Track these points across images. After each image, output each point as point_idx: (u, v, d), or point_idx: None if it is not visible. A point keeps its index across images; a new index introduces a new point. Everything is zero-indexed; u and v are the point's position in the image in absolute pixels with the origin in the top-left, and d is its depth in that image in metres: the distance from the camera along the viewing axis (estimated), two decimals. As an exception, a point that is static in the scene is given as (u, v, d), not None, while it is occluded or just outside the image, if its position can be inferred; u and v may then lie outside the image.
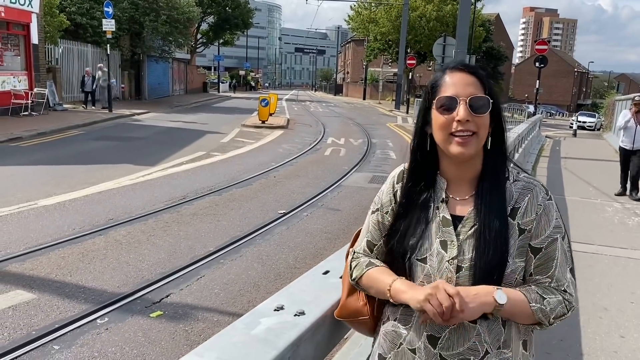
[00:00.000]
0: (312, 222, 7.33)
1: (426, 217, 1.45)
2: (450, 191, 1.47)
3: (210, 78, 60.23)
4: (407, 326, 1.47)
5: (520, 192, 1.42)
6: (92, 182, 8.76)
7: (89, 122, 17.27)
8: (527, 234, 1.39)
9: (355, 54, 76.46)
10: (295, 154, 13.41)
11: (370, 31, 44.30)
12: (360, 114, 32.79)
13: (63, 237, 5.92)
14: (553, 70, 76.62)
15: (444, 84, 1.41)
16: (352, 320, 1.67)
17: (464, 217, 1.42)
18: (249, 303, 4.62)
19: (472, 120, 1.36)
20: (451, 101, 1.37)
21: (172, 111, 25.34)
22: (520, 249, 1.38)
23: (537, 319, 1.35)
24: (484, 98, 1.38)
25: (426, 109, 1.46)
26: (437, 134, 1.42)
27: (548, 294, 1.37)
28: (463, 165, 1.44)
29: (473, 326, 1.37)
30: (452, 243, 1.40)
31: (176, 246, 5.93)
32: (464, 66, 1.42)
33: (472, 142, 1.37)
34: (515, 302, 1.32)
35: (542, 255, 1.39)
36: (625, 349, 3.95)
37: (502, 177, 1.44)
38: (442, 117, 1.39)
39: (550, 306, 1.35)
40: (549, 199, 1.43)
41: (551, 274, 1.39)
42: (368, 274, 1.52)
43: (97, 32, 24.23)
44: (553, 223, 1.41)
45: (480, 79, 1.40)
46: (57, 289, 4.63)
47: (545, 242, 1.39)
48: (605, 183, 11.13)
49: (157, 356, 3.72)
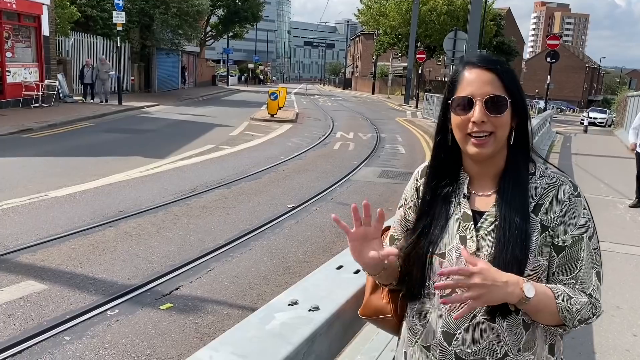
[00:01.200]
0: (321, 216, 7.32)
1: (447, 212, 1.43)
2: (473, 187, 1.44)
3: (219, 71, 60.24)
4: (423, 322, 1.45)
5: (545, 188, 1.36)
6: (102, 174, 8.79)
7: (99, 114, 17.34)
8: (551, 231, 1.33)
9: (365, 47, 76.22)
10: (304, 148, 13.39)
11: (380, 25, 44.11)
12: (369, 108, 32.71)
13: (73, 229, 5.95)
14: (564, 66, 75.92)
15: (461, 81, 1.37)
16: (375, 318, 1.64)
17: (485, 212, 1.39)
18: (258, 296, 4.63)
19: (489, 120, 1.32)
20: (467, 101, 1.33)
21: (182, 104, 25.39)
22: (543, 247, 1.32)
23: (562, 317, 1.27)
24: (501, 98, 1.32)
25: (447, 104, 1.41)
26: (455, 132, 1.39)
27: (575, 293, 1.30)
28: (484, 163, 1.40)
29: (491, 325, 1.32)
30: (472, 239, 1.36)
31: (186, 239, 5.94)
32: (483, 62, 1.36)
33: (489, 142, 1.33)
34: (541, 296, 1.25)
35: (566, 254, 1.32)
36: (638, 347, 3.91)
37: (524, 173, 1.39)
38: (459, 118, 1.35)
39: (577, 306, 1.28)
40: (576, 195, 1.36)
41: (575, 275, 1.32)
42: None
43: (107, 24, 24.31)
44: (579, 221, 1.33)
45: (499, 75, 1.34)
46: (68, 280, 4.66)
47: (570, 241, 1.32)
48: (617, 180, 11.02)
49: (167, 348, 3.73)
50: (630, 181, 10.01)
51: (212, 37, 54.28)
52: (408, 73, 40.27)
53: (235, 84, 58.41)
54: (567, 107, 67.70)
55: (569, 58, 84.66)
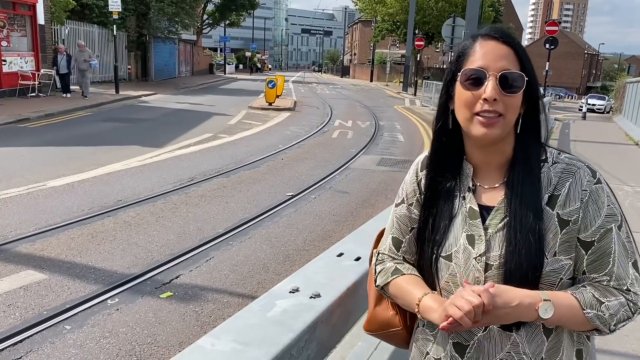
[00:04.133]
0: (320, 205, 7.31)
1: (451, 209, 1.28)
2: (478, 178, 1.28)
3: (216, 59, 59.94)
4: (434, 332, 1.30)
5: (560, 177, 1.20)
6: (100, 163, 8.77)
7: (96, 104, 17.25)
8: (573, 226, 1.17)
9: (363, 35, 75.83)
10: (302, 136, 13.36)
11: (378, 12, 43.82)
12: (368, 96, 32.60)
13: (72, 218, 5.94)
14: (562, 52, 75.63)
15: (472, 53, 1.20)
16: (382, 333, 1.48)
17: (493, 207, 1.24)
18: (258, 284, 4.63)
19: (501, 100, 1.15)
20: (479, 75, 1.17)
21: (179, 93, 25.26)
22: (565, 245, 1.17)
23: (594, 326, 1.15)
24: (517, 75, 1.17)
25: (450, 80, 1.25)
26: (459, 111, 1.22)
27: (607, 296, 1.15)
28: (489, 149, 1.24)
29: (507, 334, 1.19)
30: (480, 238, 1.22)
31: (185, 228, 5.93)
32: (499, 34, 1.20)
33: (497, 123, 1.17)
34: (564, 310, 1.12)
35: (595, 249, 1.17)
36: (636, 332, 3.92)
37: (536, 163, 1.23)
38: (467, 93, 1.18)
39: (609, 312, 1.14)
40: (596, 182, 1.20)
41: (609, 270, 1.17)
42: (395, 283, 1.33)
43: (103, 12, 24.09)
44: (604, 211, 1.18)
45: (516, 50, 1.19)
46: (68, 270, 4.66)
47: (597, 234, 1.17)
48: (616, 166, 11.04)
49: (168, 336, 3.74)
50: (629, 167, 10.02)
51: (209, 25, 53.88)
52: (406, 60, 40.11)
53: (232, 72, 58.12)
54: (566, 94, 67.58)
55: (568, 44, 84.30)
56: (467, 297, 1.08)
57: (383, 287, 1.37)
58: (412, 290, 1.28)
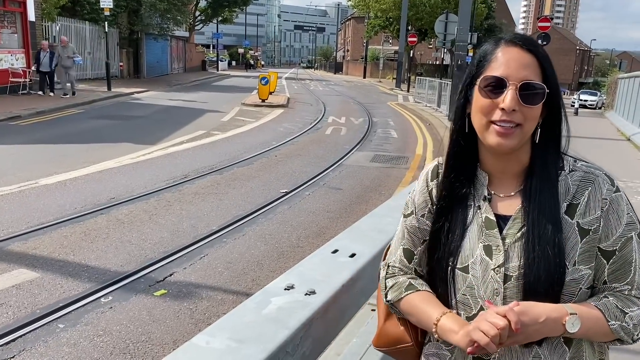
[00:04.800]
0: (314, 201, 7.31)
1: (465, 218, 1.24)
2: (493, 187, 1.24)
3: (209, 56, 59.71)
4: (450, 347, 1.26)
5: (578, 185, 1.18)
6: (92, 161, 8.72)
7: (88, 101, 17.14)
8: (593, 235, 1.16)
9: (356, 31, 75.76)
10: (296, 133, 13.34)
11: (371, 8, 43.80)
12: (361, 92, 32.60)
13: (65, 216, 5.90)
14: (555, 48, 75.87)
15: (494, 59, 1.17)
16: (392, 349, 1.43)
17: (510, 216, 1.20)
18: (252, 282, 4.63)
19: (520, 110, 1.13)
20: (499, 83, 1.14)
21: (171, 90, 25.16)
22: (585, 254, 1.15)
23: (619, 337, 1.14)
24: (538, 86, 1.14)
25: (469, 84, 1.22)
26: (475, 117, 1.19)
27: (630, 306, 1.14)
28: (505, 158, 1.21)
29: (530, 346, 1.16)
30: (498, 248, 1.18)
31: (179, 225, 5.91)
32: (523, 41, 1.17)
33: (514, 134, 1.14)
34: (589, 323, 1.11)
35: (617, 259, 1.16)
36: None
37: (554, 173, 1.20)
38: (486, 100, 1.15)
39: (633, 322, 1.13)
40: (615, 190, 1.18)
41: (630, 280, 1.16)
42: (408, 299, 1.28)
43: (94, 9, 23.91)
44: (625, 219, 1.16)
45: (539, 59, 1.16)
46: (60, 268, 4.63)
47: (619, 244, 1.16)
48: (608, 162, 11.09)
49: (162, 334, 3.73)
50: (620, 162, 10.08)
51: (201, 22, 53.58)
52: (399, 57, 40.12)
53: (225, 68, 57.92)
54: (558, 90, 67.76)
55: (560, 40, 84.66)
56: (492, 319, 1.06)
57: (394, 303, 1.32)
58: (428, 310, 1.24)
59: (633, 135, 16.33)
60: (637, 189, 8.78)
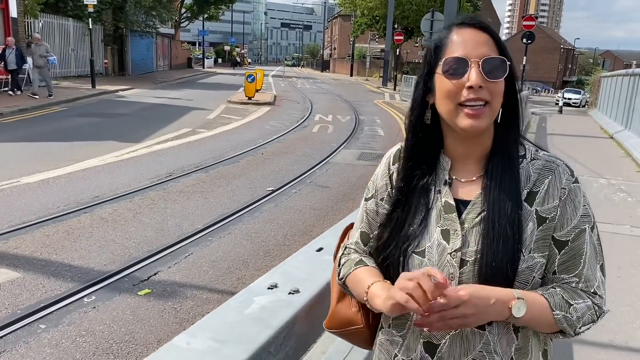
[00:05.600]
0: (300, 199, 7.29)
1: (426, 203, 1.24)
2: (455, 172, 1.25)
3: (194, 53, 59.34)
4: (402, 333, 1.25)
5: (539, 173, 1.19)
6: (76, 159, 8.60)
7: (71, 99, 16.92)
8: (550, 224, 1.16)
9: (342, 29, 75.75)
10: (282, 131, 13.30)
11: (357, 6, 43.84)
12: (348, 90, 32.60)
13: (47, 215, 5.81)
14: (539, 47, 76.51)
15: (450, 43, 1.17)
16: (343, 331, 1.42)
17: (470, 201, 1.20)
18: (238, 280, 4.60)
19: (486, 86, 1.12)
20: (460, 63, 1.14)
21: (157, 87, 24.95)
22: (540, 242, 1.16)
23: (561, 328, 1.14)
24: (499, 60, 1.14)
25: (428, 74, 1.21)
26: (441, 104, 1.18)
27: (575, 298, 1.15)
28: (471, 142, 1.21)
29: (480, 332, 1.16)
30: (456, 232, 1.18)
31: (163, 224, 5.86)
32: (475, 21, 1.18)
33: (484, 113, 1.14)
34: (535, 311, 1.11)
35: (569, 249, 1.17)
36: (612, 323, 3.99)
37: (515, 155, 1.21)
38: (449, 83, 1.15)
39: (577, 314, 1.14)
40: (574, 181, 1.19)
41: (579, 272, 1.16)
42: (355, 273, 1.28)
43: (78, 5, 23.58)
44: (580, 211, 1.17)
45: (494, 37, 1.17)
46: (42, 268, 4.56)
47: (572, 234, 1.16)
48: (591, 159, 11.22)
49: (146, 334, 3.68)
50: (604, 160, 10.20)
51: (187, 19, 53.27)
52: (386, 55, 40.19)
53: (211, 66, 57.59)
54: (543, 88, 68.47)
55: (544, 39, 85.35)
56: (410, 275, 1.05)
57: (344, 281, 1.32)
58: (365, 279, 1.24)
59: (616, 133, 16.53)
60: (619, 186, 8.88)
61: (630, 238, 6.13)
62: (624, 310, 4.23)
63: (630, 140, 14.05)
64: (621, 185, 8.91)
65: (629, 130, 15.71)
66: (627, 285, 4.74)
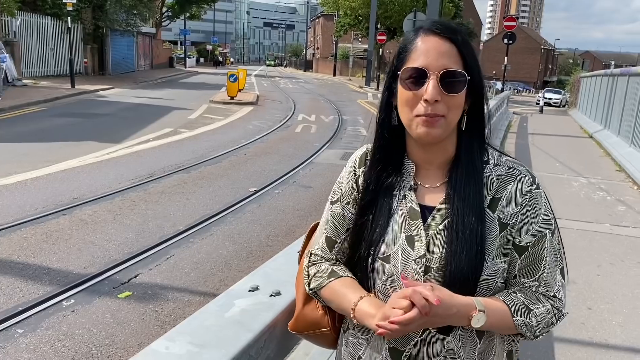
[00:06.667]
0: (283, 200, 7.26)
1: (390, 208, 1.23)
2: (419, 177, 1.24)
3: (176, 53, 58.87)
4: (367, 336, 1.25)
5: (501, 179, 1.20)
6: (55, 160, 8.47)
7: (50, 98, 16.67)
8: (510, 230, 1.17)
9: (325, 29, 75.73)
10: (265, 131, 13.25)
11: (340, 6, 43.90)
12: (331, 90, 32.61)
13: (25, 217, 5.71)
14: (520, 47, 77.44)
15: (414, 50, 1.16)
16: (309, 333, 1.42)
17: (434, 207, 1.20)
18: (220, 282, 4.56)
19: (443, 100, 1.12)
20: (419, 74, 1.13)
21: (138, 87, 24.69)
22: (502, 248, 1.16)
23: (521, 332, 1.16)
24: (459, 74, 1.13)
25: (393, 76, 1.21)
26: (401, 111, 1.18)
27: (535, 302, 1.16)
28: (432, 148, 1.21)
29: (444, 338, 1.16)
30: (420, 239, 1.17)
31: (144, 225, 5.79)
32: (441, 28, 1.15)
33: (439, 123, 1.13)
34: (495, 318, 1.12)
35: (529, 254, 1.18)
36: (592, 320, 4.04)
37: (479, 162, 1.21)
38: (408, 92, 1.14)
39: (536, 319, 1.15)
40: (536, 187, 1.20)
41: (539, 276, 1.18)
42: (330, 286, 1.26)
43: (56, 3, 23.24)
44: (541, 217, 1.19)
45: (459, 47, 1.15)
46: (20, 271, 4.47)
47: (532, 240, 1.18)
48: (571, 158, 11.37)
49: (127, 337, 3.63)
50: (583, 159, 10.34)
51: (169, 18, 52.86)
52: (369, 55, 40.30)
53: (193, 65, 57.19)
54: (524, 88, 69.34)
55: (525, 40, 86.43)
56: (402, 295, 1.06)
57: (316, 292, 1.30)
58: (347, 294, 1.22)
59: (595, 132, 16.78)
60: (599, 185, 9.01)
61: (609, 236, 6.21)
62: (604, 307, 4.28)
63: (609, 140, 14.27)
64: (601, 184, 9.04)
65: (607, 129, 15.96)
66: (607, 283, 4.81)
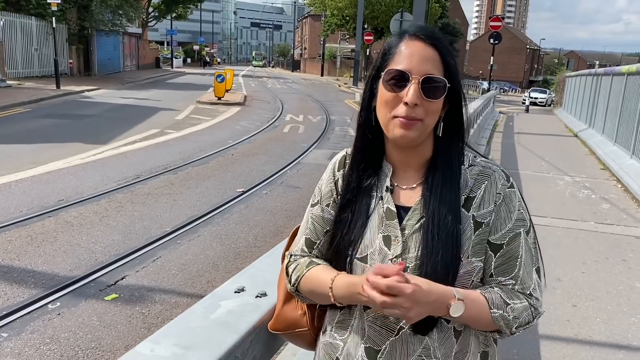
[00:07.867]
0: (271, 200, 7.25)
1: (367, 209, 1.25)
2: (396, 179, 1.27)
3: (163, 53, 58.50)
4: (344, 337, 1.27)
5: (476, 179, 1.22)
6: (40, 161, 8.38)
7: (35, 99, 16.49)
8: (485, 229, 1.19)
9: (313, 29, 75.74)
10: (253, 131, 13.22)
11: (327, 6, 43.90)
12: (319, 90, 32.62)
13: (9, 220, 5.64)
14: (506, 47, 77.99)
15: (398, 53, 1.18)
16: (288, 333, 1.45)
17: (410, 207, 1.22)
18: (208, 283, 4.54)
19: (422, 104, 1.14)
20: (402, 76, 1.15)
21: (124, 88, 24.50)
22: (477, 246, 1.18)
23: (498, 326, 1.16)
24: (439, 80, 1.15)
25: (374, 77, 1.23)
26: (380, 110, 1.21)
27: (513, 298, 1.18)
28: (408, 151, 1.24)
29: (420, 337, 1.18)
30: (397, 239, 1.19)
31: (131, 227, 5.75)
32: (425, 35, 1.18)
33: (416, 126, 1.16)
34: (473, 310, 1.13)
35: (504, 253, 1.20)
36: (577, 317, 4.09)
37: (457, 169, 1.22)
38: (389, 94, 1.17)
39: (514, 313, 1.16)
40: (510, 186, 1.22)
41: (515, 274, 1.20)
42: (309, 274, 1.28)
43: (41, 3, 23.00)
44: (515, 215, 1.21)
45: (441, 53, 1.17)
46: (4, 274, 4.42)
47: (507, 238, 1.20)
48: (556, 157, 11.48)
49: (113, 340, 3.61)
50: (568, 158, 10.45)
51: (155, 18, 52.49)
52: (356, 55, 40.36)
53: (180, 66, 56.87)
54: (510, 88, 69.83)
55: (511, 40, 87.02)
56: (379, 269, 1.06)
57: (297, 287, 1.31)
58: (324, 276, 1.23)
59: (580, 131, 16.96)
60: (584, 183, 9.11)
61: (594, 234, 6.29)
62: (589, 305, 4.33)
63: (594, 139, 14.44)
64: (585, 183, 9.14)
65: (592, 128, 16.15)
66: (591, 280, 4.86)
